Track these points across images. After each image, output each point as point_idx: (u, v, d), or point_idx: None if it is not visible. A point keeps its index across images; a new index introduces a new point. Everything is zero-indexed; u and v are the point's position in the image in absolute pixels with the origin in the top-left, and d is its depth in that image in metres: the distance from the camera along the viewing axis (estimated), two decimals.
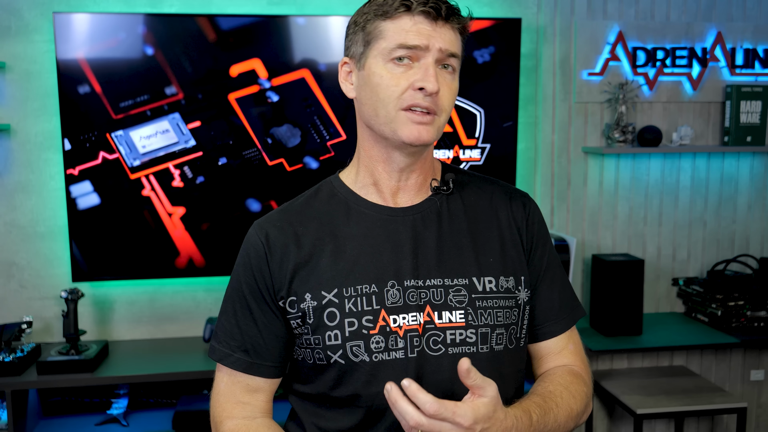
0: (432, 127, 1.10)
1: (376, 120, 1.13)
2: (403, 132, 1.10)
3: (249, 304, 1.17)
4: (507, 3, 2.87)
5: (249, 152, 2.64)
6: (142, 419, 2.65)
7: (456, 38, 1.12)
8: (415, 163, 1.17)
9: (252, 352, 1.17)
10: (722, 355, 3.16)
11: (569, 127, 2.98)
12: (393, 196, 1.19)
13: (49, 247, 2.69)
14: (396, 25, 1.09)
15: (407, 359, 1.12)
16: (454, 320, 1.13)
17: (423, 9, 1.08)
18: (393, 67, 1.09)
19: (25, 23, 2.59)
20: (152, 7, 2.65)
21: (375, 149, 1.17)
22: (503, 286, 1.18)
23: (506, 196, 1.25)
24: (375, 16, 1.11)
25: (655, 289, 3.14)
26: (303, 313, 1.14)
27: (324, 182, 1.25)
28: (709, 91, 3.02)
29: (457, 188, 1.23)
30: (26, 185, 2.66)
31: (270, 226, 1.18)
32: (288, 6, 2.73)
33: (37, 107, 2.62)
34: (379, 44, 1.10)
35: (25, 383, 2.39)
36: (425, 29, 1.08)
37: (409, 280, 1.14)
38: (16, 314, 2.71)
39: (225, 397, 1.20)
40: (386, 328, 1.12)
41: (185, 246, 2.66)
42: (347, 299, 1.12)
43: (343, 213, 1.19)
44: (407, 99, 1.09)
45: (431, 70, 1.08)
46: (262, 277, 1.16)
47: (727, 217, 3.14)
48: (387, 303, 1.13)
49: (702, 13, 3.00)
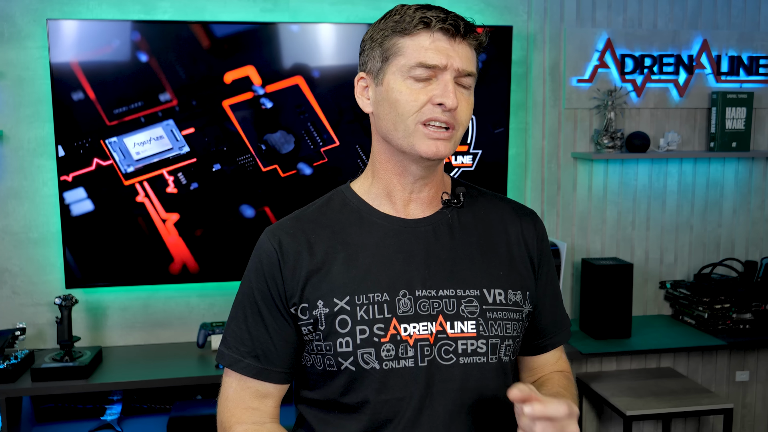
0: (449, 142, 1.13)
1: (394, 134, 1.14)
2: (420, 147, 1.12)
3: (260, 310, 1.19)
4: (498, 11, 2.91)
5: (243, 158, 2.66)
6: (136, 425, 2.66)
7: (472, 55, 1.14)
8: (429, 176, 1.20)
9: (262, 357, 1.19)
10: (708, 357, 3.22)
11: (559, 133, 3.02)
12: (405, 207, 1.21)
13: (42, 253, 2.69)
14: (415, 42, 1.11)
15: (417, 368, 1.13)
16: (466, 330, 1.16)
17: (442, 26, 1.09)
18: (412, 83, 1.11)
19: (18, 29, 2.58)
20: (146, 14, 2.65)
21: (391, 162, 1.19)
22: (511, 299, 1.20)
23: (516, 214, 1.28)
24: (393, 33, 1.13)
25: (643, 293, 3.19)
26: (315, 320, 1.15)
27: (335, 192, 1.27)
28: (696, 98, 3.08)
29: (467, 202, 1.26)
30: (19, 191, 2.66)
31: (283, 233, 1.20)
32: (281, 13, 2.75)
33: (30, 113, 2.62)
34: (398, 60, 1.12)
35: (19, 390, 2.38)
36: (444, 47, 1.10)
37: (421, 290, 1.16)
38: (8, 321, 2.70)
39: (234, 403, 1.21)
40: (397, 337, 1.13)
41: (179, 252, 2.67)
42: (359, 307, 1.14)
43: (355, 222, 1.20)
44: (426, 113, 1.11)
45: (450, 86, 1.10)
46: (274, 283, 1.17)
47: (713, 222, 3.20)
48: (398, 312, 1.14)
49: (688, 20, 3.05)
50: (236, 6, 2.71)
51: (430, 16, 1.10)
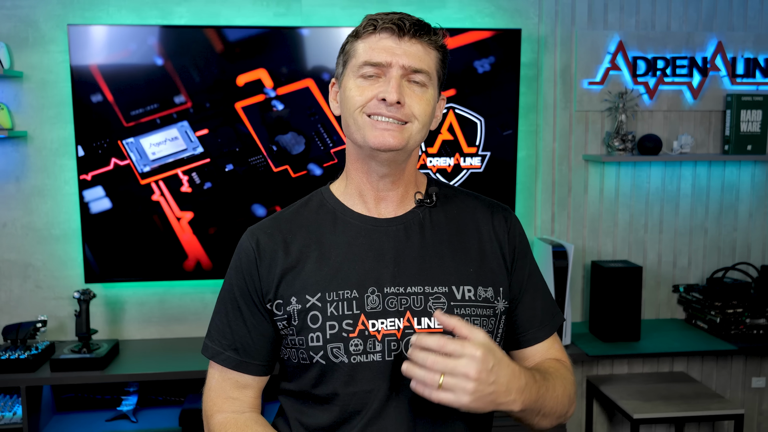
0: (400, 133, 1.16)
1: (349, 131, 1.20)
2: (369, 137, 1.16)
3: (240, 306, 1.24)
4: (508, 14, 2.93)
5: (255, 159, 2.73)
6: (150, 416, 2.74)
7: (426, 54, 1.17)
8: (394, 173, 1.23)
9: (242, 350, 1.24)
10: (723, 363, 3.19)
11: (570, 135, 3.03)
12: (377, 206, 1.25)
13: (63, 249, 2.80)
14: (365, 44, 1.17)
15: (384, 362, 1.18)
16: (433, 326, 1.19)
17: (386, 26, 1.15)
18: (361, 81, 1.17)
19: (42, 34, 2.70)
20: (163, 18, 2.74)
21: (358, 162, 1.24)
22: (481, 295, 1.23)
23: (488, 211, 1.30)
24: (350, 38, 1.21)
25: (655, 296, 3.17)
26: (289, 316, 1.20)
27: (315, 193, 1.33)
28: (710, 100, 3.05)
29: (440, 201, 1.29)
30: (42, 189, 2.77)
31: (261, 233, 1.26)
32: (294, 17, 2.81)
33: (53, 115, 2.74)
34: (352, 62, 1.19)
35: (38, 380, 2.49)
36: (389, 45, 1.15)
37: (390, 287, 1.20)
38: (32, 313, 2.82)
39: (215, 393, 1.27)
40: (365, 332, 1.17)
41: (193, 249, 2.75)
42: (329, 303, 1.19)
43: (330, 222, 1.25)
44: (371, 107, 1.16)
45: (393, 82, 1.14)
46: (252, 280, 1.23)
47: (728, 225, 3.16)
48: (367, 308, 1.18)
49: (703, 22, 3.03)
50: (250, 11, 2.79)
51: (378, 18, 1.16)
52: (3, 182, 2.75)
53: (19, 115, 2.73)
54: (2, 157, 2.74)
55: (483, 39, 2.78)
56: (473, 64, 2.78)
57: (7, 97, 2.71)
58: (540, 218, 3.05)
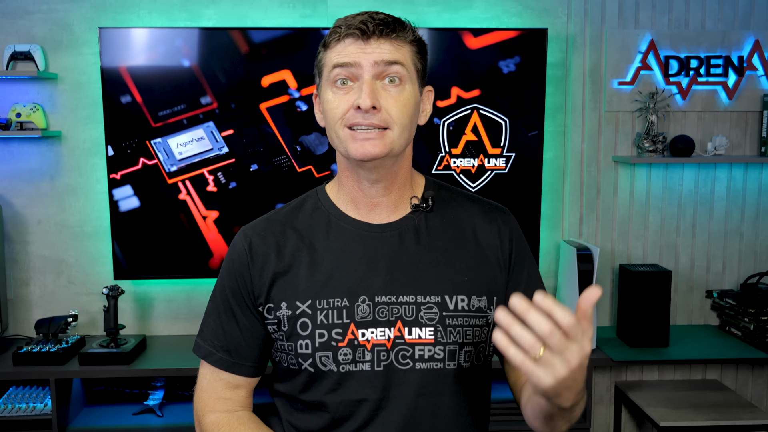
0: (381, 140, 1.13)
1: (334, 142, 1.19)
2: (350, 149, 1.14)
3: (232, 307, 1.25)
4: (536, 13, 2.89)
5: (279, 159, 2.76)
6: (176, 411, 2.80)
7: (396, 51, 1.14)
8: (386, 177, 1.20)
9: (234, 352, 1.25)
10: (759, 371, 3.08)
11: (599, 136, 2.97)
12: (370, 212, 1.23)
13: (94, 246, 2.88)
14: (333, 52, 1.15)
15: (373, 372, 1.17)
16: (424, 337, 1.18)
17: (348, 32, 1.13)
18: (336, 90, 1.15)
19: (75, 37, 2.78)
20: (191, 21, 2.79)
21: (347, 171, 1.22)
22: (474, 305, 1.21)
23: (486, 214, 1.28)
24: (320, 48, 1.19)
25: (687, 301, 3.08)
26: (279, 321, 1.20)
27: (310, 193, 1.31)
28: (746, 101, 2.96)
29: (437, 205, 1.26)
30: (75, 188, 2.85)
31: (254, 235, 1.25)
32: (320, 19, 2.83)
33: (85, 115, 2.81)
34: (324, 73, 1.17)
35: (67, 372, 2.57)
36: (353, 50, 1.13)
37: (381, 296, 1.18)
38: (65, 308, 2.91)
39: (207, 393, 1.27)
40: (354, 342, 1.17)
41: (218, 247, 2.80)
42: (319, 311, 1.18)
43: (323, 226, 1.24)
44: (350, 119, 1.14)
45: (366, 87, 1.11)
46: (243, 282, 1.23)
47: (766, 229, 3.06)
48: (357, 317, 1.17)
49: (739, 20, 2.93)
50: (276, 13, 2.82)
51: (341, 25, 1.14)
52: (38, 180, 2.84)
53: (53, 116, 2.81)
54: (38, 156, 2.83)
55: (508, 39, 2.75)
56: (498, 64, 2.76)
57: (43, 97, 2.80)
58: (568, 220, 3.00)
